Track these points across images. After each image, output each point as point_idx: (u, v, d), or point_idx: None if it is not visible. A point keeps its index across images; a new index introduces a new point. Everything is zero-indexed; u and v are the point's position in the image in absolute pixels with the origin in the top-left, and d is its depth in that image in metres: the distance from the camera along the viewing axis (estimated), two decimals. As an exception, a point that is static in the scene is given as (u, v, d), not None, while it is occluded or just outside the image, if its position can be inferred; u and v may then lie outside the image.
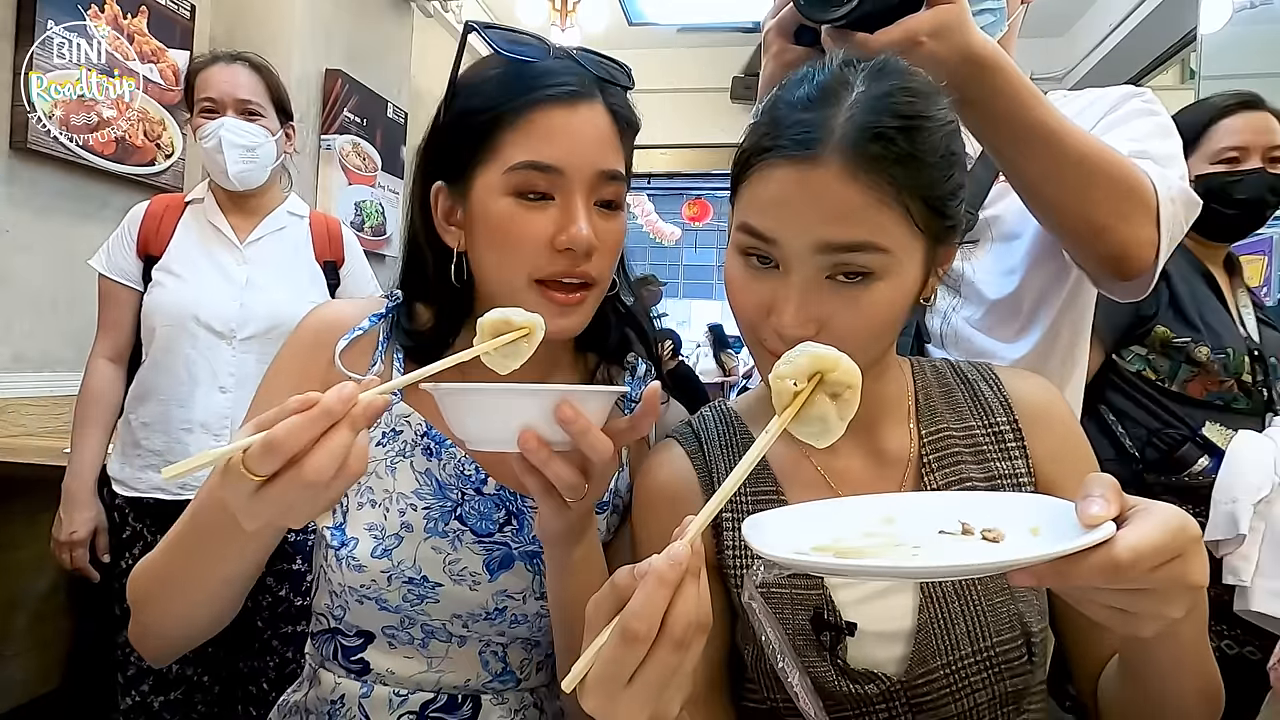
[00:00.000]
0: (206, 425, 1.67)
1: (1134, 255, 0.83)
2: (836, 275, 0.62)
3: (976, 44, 0.73)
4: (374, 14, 3.56)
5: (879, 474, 0.74)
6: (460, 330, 0.83)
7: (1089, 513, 0.44)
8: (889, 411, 0.76)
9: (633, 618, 0.42)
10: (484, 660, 0.81)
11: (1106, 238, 0.83)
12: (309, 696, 0.83)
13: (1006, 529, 0.50)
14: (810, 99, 0.63)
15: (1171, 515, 0.44)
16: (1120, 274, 0.86)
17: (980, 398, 0.77)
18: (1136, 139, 0.91)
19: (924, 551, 0.50)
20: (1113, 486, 0.46)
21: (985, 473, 0.73)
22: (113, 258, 1.74)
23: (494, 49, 0.74)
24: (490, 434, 0.60)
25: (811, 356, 0.51)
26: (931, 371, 0.80)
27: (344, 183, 3.30)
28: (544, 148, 0.72)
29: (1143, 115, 0.95)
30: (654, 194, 9.99)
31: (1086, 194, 0.81)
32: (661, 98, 5.51)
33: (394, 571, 0.76)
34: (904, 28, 0.71)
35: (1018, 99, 0.76)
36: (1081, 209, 0.82)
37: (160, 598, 0.72)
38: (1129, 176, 0.82)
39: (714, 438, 0.79)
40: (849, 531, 0.54)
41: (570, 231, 0.72)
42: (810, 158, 0.61)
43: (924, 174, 0.62)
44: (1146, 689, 0.61)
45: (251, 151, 1.70)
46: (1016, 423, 0.75)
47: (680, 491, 0.76)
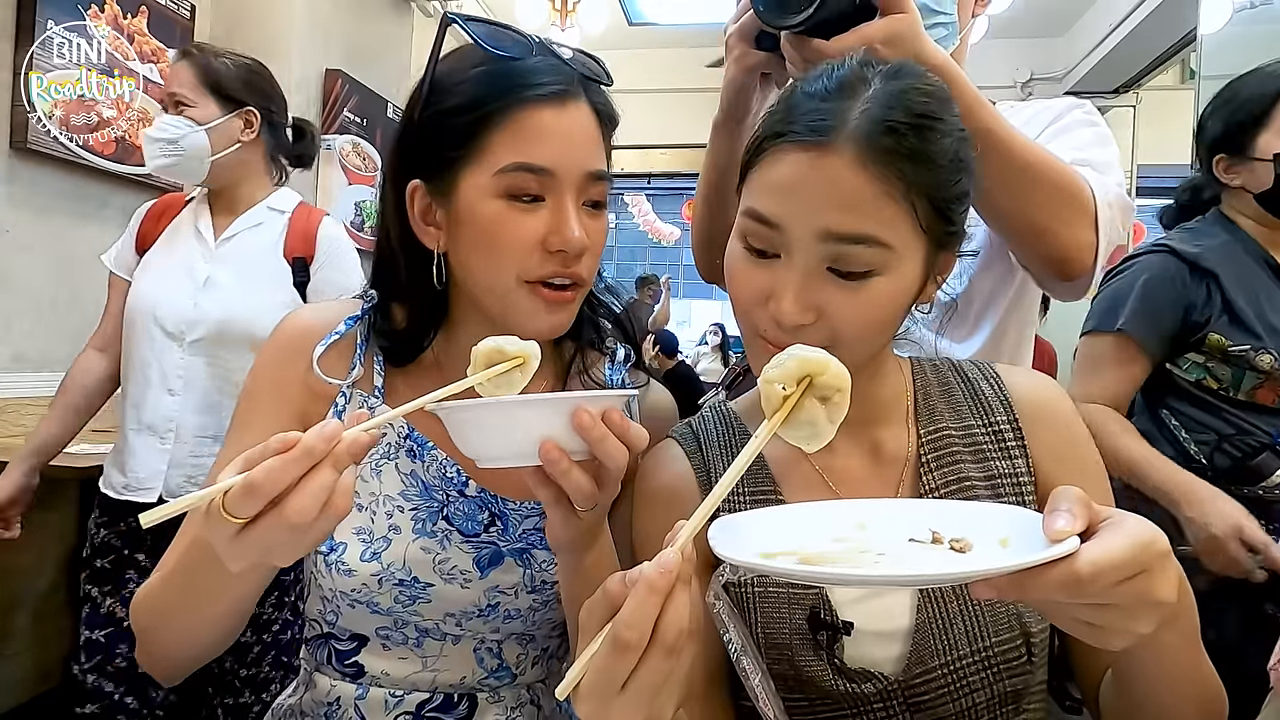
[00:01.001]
0: (153, 427, 1.62)
1: (1074, 258, 0.89)
2: (837, 268, 0.62)
3: (928, 53, 0.76)
4: (374, 14, 3.56)
5: (877, 473, 0.74)
6: (439, 331, 0.82)
7: (1054, 527, 0.44)
8: (887, 411, 0.76)
9: (624, 626, 0.43)
10: (479, 657, 0.81)
11: (1049, 240, 0.88)
12: (304, 700, 0.83)
13: (976, 539, 0.50)
14: (828, 90, 0.63)
15: (1139, 529, 0.44)
16: (1062, 275, 0.91)
17: (980, 396, 0.77)
18: (1078, 147, 0.97)
19: (888, 559, 0.50)
20: (1080, 500, 0.45)
21: (984, 472, 0.73)
22: (119, 252, 1.75)
23: (478, 45, 0.72)
24: (508, 449, 0.58)
25: (800, 360, 0.51)
26: (931, 370, 0.80)
27: (344, 183, 3.30)
28: (535, 149, 0.71)
29: (1084, 125, 1.02)
30: (654, 194, 9.98)
31: (1030, 198, 0.86)
32: (662, 98, 5.50)
33: (384, 574, 0.76)
34: (859, 35, 0.74)
35: (967, 107, 0.77)
36: (1025, 212, 0.87)
37: (160, 629, 0.71)
38: (1069, 183, 0.87)
39: (713, 438, 0.79)
40: (819, 536, 0.53)
41: (563, 234, 0.71)
42: (823, 144, 0.61)
43: (933, 174, 0.62)
44: (1135, 697, 0.61)
45: (174, 145, 1.61)
46: (1016, 421, 0.75)
47: (678, 491, 0.76)
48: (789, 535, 0.53)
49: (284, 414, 0.78)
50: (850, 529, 0.55)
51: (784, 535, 0.53)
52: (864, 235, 0.61)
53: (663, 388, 0.92)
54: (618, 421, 0.57)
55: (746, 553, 0.48)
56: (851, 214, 0.61)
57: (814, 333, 0.64)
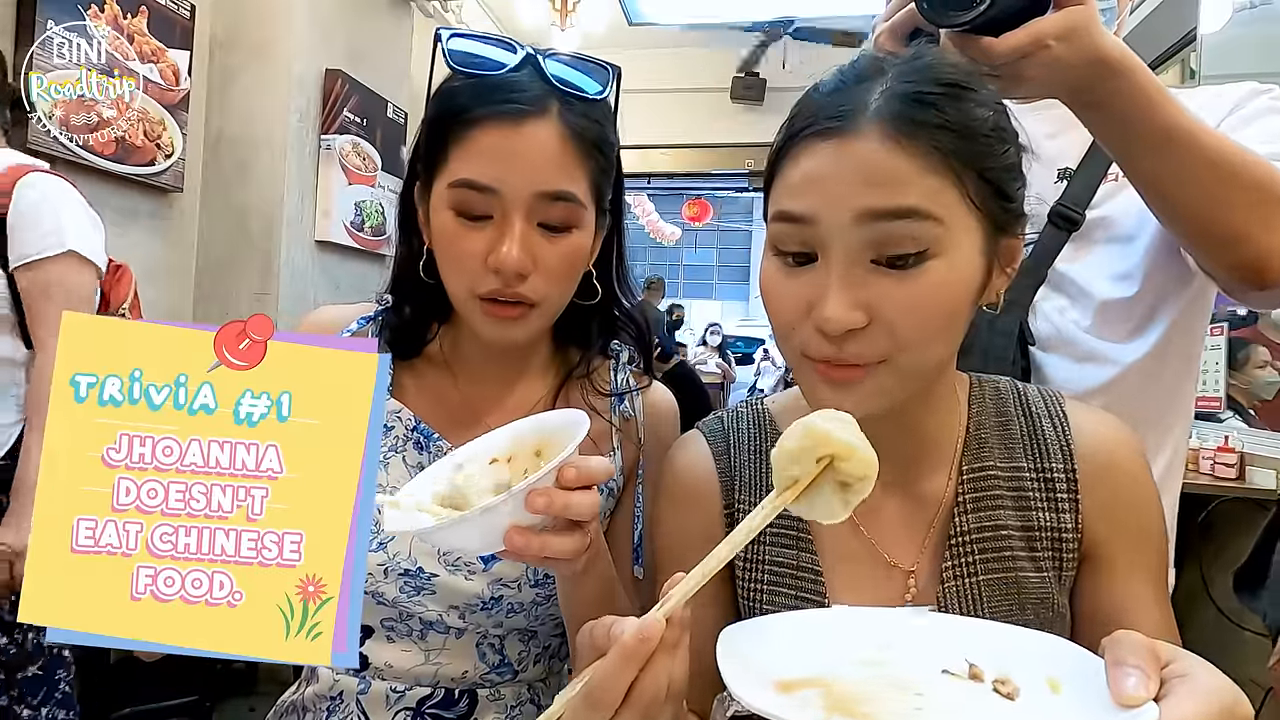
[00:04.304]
0: None
1: (1274, 265, 0.79)
2: (883, 258, 0.56)
3: (1107, 45, 0.70)
4: (374, 14, 3.56)
5: (910, 517, 0.69)
6: (441, 327, 0.86)
7: (1124, 689, 0.39)
8: (935, 453, 0.69)
9: (596, 686, 0.43)
10: (481, 652, 0.81)
11: (1244, 245, 0.78)
12: (306, 694, 0.84)
13: (1020, 679, 0.45)
14: (844, 81, 0.60)
15: (1217, 693, 0.39)
16: (1257, 283, 0.81)
17: (1039, 436, 0.69)
18: (1267, 140, 0.86)
19: (927, 704, 0.45)
20: (1149, 653, 0.40)
21: (1023, 522, 0.66)
22: None
23: (448, 64, 0.74)
24: (485, 547, 0.57)
25: (823, 436, 0.46)
26: (993, 397, 0.71)
27: (344, 182, 3.30)
28: (481, 166, 0.72)
29: (1272, 113, 0.90)
30: (654, 194, 10.00)
31: (1223, 199, 0.77)
32: (661, 98, 5.51)
33: (390, 564, 0.77)
34: (1031, 31, 0.68)
35: (1149, 100, 0.72)
36: (1217, 214, 0.78)
37: None
38: (1270, 180, 0.77)
39: (744, 440, 0.74)
40: (840, 659, 0.48)
41: (499, 253, 0.71)
42: (846, 129, 0.56)
43: (975, 143, 0.57)
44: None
45: None
46: (1074, 472, 0.67)
47: (700, 493, 0.73)
48: (808, 659, 0.48)
49: None
50: (874, 649, 0.50)
51: (802, 657, 0.48)
52: (907, 208, 0.55)
53: (663, 387, 0.93)
54: (573, 479, 0.55)
55: (760, 680, 0.44)
56: (888, 188, 0.55)
57: (867, 339, 0.57)
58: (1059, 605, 0.66)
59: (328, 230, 3.22)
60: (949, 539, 0.67)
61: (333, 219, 3.24)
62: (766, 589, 0.69)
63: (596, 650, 0.45)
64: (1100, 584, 0.66)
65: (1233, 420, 3.13)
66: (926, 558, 0.67)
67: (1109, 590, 0.66)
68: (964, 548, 0.66)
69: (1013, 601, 0.65)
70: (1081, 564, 0.67)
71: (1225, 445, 2.90)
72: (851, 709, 0.43)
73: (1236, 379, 3.16)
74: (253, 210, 3.01)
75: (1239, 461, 2.83)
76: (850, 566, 0.68)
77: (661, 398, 0.92)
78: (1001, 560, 0.66)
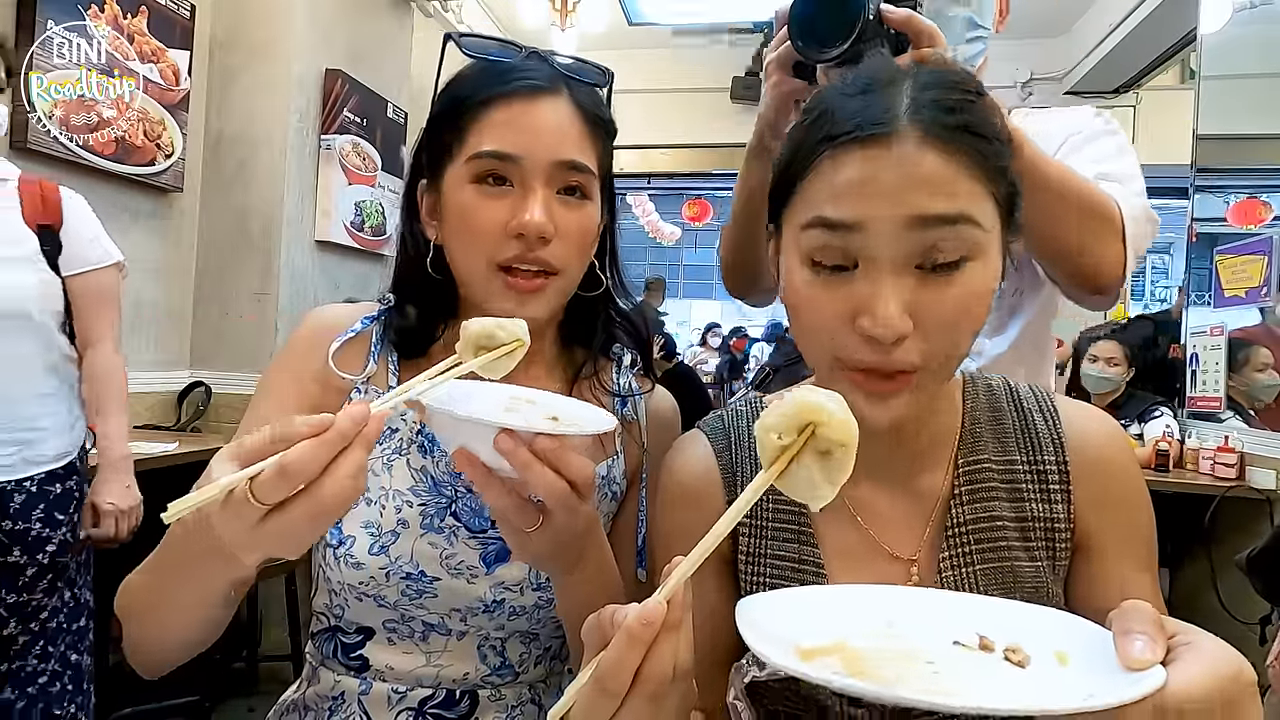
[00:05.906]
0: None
1: (1106, 272, 0.94)
2: (927, 263, 0.57)
3: None
4: (374, 14, 3.56)
5: (908, 511, 0.70)
6: (448, 325, 0.86)
7: (1132, 652, 0.40)
8: (934, 448, 0.71)
9: (604, 672, 0.43)
10: (482, 654, 0.81)
11: (1081, 258, 0.93)
12: (307, 694, 0.84)
13: (1030, 650, 0.46)
14: (867, 84, 0.60)
15: (1223, 659, 0.40)
16: (1092, 289, 0.96)
17: (1031, 430, 0.71)
18: (1099, 160, 1.02)
19: (942, 669, 0.45)
20: (1155, 620, 0.41)
21: (1017, 513, 0.68)
22: None
23: (463, 52, 0.78)
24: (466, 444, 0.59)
25: (800, 404, 0.46)
26: (985, 392, 0.74)
27: (344, 183, 3.30)
28: (503, 136, 0.75)
29: (1104, 136, 1.08)
30: (654, 194, 9.98)
31: (1063, 220, 0.90)
32: (661, 98, 5.51)
33: (392, 568, 0.77)
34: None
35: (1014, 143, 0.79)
36: (1057, 232, 0.91)
37: (144, 622, 0.70)
38: (1099, 202, 0.92)
39: (744, 437, 0.75)
40: (851, 633, 0.48)
41: (522, 216, 0.74)
42: (885, 134, 0.57)
43: (995, 149, 0.59)
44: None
45: None
46: (1066, 464, 0.69)
47: (702, 491, 0.73)
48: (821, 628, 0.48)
49: (298, 407, 0.80)
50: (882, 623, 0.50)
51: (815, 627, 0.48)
52: (959, 214, 0.56)
53: (665, 391, 0.94)
54: (545, 448, 0.56)
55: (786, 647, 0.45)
56: (938, 195, 0.56)
57: (911, 344, 0.58)
58: (1053, 594, 0.67)
59: (328, 230, 3.22)
60: (946, 531, 0.68)
61: (333, 219, 3.23)
62: (769, 583, 0.70)
63: (605, 639, 0.45)
64: (1093, 573, 0.68)
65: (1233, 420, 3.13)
66: (925, 550, 0.69)
67: (1102, 579, 0.68)
68: (960, 539, 0.68)
69: (1008, 591, 0.66)
70: (1074, 554, 0.69)
71: (1225, 445, 2.91)
72: (872, 673, 0.44)
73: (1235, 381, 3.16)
74: (253, 210, 3.00)
75: (1239, 461, 2.83)
76: (851, 560, 0.69)
77: (664, 402, 0.93)
78: (997, 550, 0.67)
